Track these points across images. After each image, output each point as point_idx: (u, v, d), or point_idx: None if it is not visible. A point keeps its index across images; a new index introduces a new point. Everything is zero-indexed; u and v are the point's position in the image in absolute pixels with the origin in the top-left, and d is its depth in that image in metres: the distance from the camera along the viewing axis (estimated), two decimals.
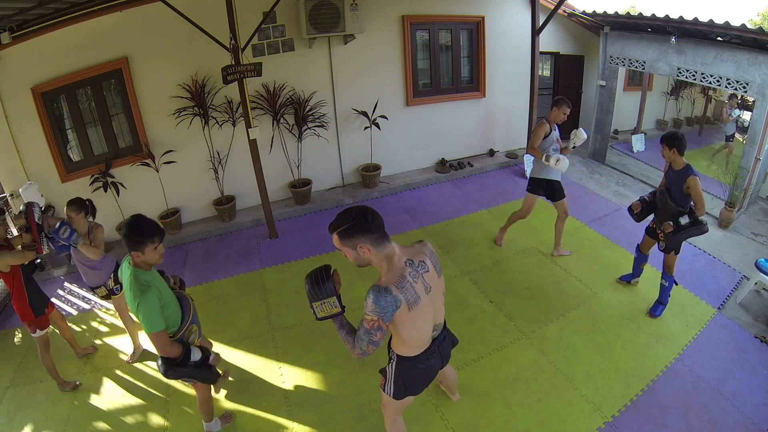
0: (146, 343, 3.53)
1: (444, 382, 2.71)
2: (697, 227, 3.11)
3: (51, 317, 3.09)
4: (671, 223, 3.14)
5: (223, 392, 3.01)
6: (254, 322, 3.72)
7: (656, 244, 3.48)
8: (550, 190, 4.06)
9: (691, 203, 3.15)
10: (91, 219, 3.12)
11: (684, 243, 4.43)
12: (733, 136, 6.80)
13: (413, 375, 1.94)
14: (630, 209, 3.54)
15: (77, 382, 3.17)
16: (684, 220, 3.11)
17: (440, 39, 6.18)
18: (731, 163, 6.36)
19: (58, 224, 2.86)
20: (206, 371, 2.29)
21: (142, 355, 3.43)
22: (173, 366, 2.16)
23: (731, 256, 4.33)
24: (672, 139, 3.10)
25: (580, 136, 3.88)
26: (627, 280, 3.91)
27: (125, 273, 2.12)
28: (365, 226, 1.61)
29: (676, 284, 3.49)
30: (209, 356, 2.32)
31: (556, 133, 3.94)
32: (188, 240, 5.16)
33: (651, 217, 3.55)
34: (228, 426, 2.79)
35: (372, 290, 1.62)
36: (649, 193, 3.50)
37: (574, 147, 4.00)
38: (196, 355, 2.22)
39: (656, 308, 3.56)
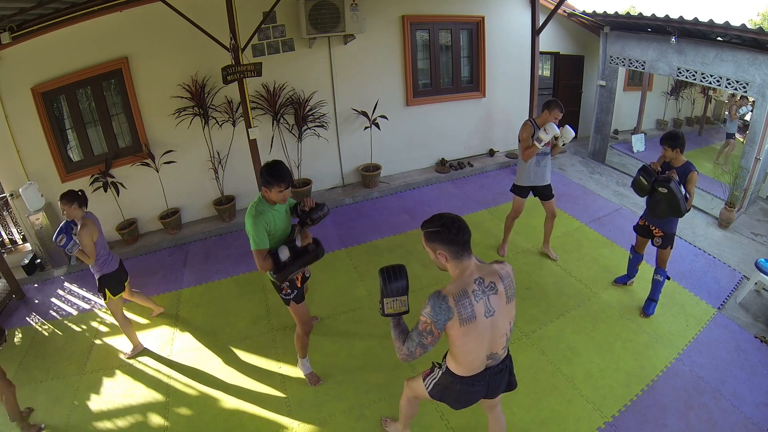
0: (146, 342, 3.54)
1: (491, 428, 2.40)
2: (683, 203, 3.03)
3: None
4: (676, 176, 3.04)
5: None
6: (254, 323, 3.72)
7: (650, 241, 3.48)
8: (538, 192, 4.05)
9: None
10: (85, 209, 3.07)
11: (684, 243, 4.50)
12: (734, 135, 6.81)
13: (450, 391, 1.95)
14: (645, 169, 3.24)
15: (42, 425, 2.88)
16: (682, 189, 3.05)
17: (440, 39, 6.18)
18: (731, 163, 6.37)
19: (56, 230, 2.94)
20: (306, 256, 2.49)
21: (141, 353, 3.44)
22: (276, 273, 2.46)
23: (731, 256, 4.33)
24: (674, 139, 3.08)
25: (567, 134, 3.68)
26: (623, 281, 3.89)
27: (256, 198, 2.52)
28: (447, 237, 1.67)
29: (669, 279, 3.48)
30: (297, 247, 2.47)
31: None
32: (188, 240, 5.16)
33: (640, 215, 3.56)
34: (229, 426, 2.79)
35: (432, 294, 1.69)
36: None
37: (563, 144, 3.87)
38: (284, 255, 2.44)
39: (649, 306, 3.54)
